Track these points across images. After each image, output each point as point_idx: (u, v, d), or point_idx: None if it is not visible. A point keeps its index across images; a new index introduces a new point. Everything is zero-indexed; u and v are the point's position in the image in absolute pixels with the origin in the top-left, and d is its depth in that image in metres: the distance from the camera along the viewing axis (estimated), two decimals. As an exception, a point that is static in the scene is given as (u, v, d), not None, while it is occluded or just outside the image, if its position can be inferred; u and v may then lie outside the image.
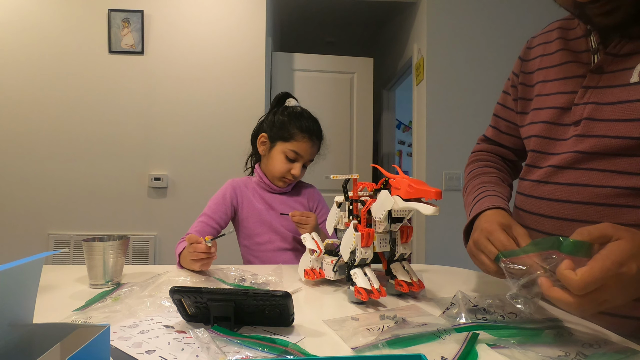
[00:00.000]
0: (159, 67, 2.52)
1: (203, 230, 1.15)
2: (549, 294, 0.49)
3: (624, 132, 0.60)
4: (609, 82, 0.64)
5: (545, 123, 0.73)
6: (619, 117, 0.61)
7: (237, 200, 1.23)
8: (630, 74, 0.60)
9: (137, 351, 0.52)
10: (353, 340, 0.55)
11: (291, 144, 1.19)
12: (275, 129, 1.21)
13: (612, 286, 0.47)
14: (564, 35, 0.75)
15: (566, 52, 0.73)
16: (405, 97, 3.65)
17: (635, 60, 0.61)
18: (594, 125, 0.64)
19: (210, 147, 2.55)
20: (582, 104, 0.67)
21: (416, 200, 0.66)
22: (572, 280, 0.46)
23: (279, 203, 1.24)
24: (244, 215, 1.22)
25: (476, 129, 2.57)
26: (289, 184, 1.24)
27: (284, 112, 1.22)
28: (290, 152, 1.18)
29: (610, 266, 0.46)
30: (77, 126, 2.47)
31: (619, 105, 0.61)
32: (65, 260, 2.43)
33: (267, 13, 2.60)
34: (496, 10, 2.61)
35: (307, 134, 1.19)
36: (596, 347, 0.52)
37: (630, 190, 0.60)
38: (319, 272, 0.85)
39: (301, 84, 3.08)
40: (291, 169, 1.19)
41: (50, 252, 0.49)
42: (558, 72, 0.73)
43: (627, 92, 0.60)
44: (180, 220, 2.50)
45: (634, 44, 0.62)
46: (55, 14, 2.46)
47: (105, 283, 0.83)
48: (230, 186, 1.24)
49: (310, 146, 1.20)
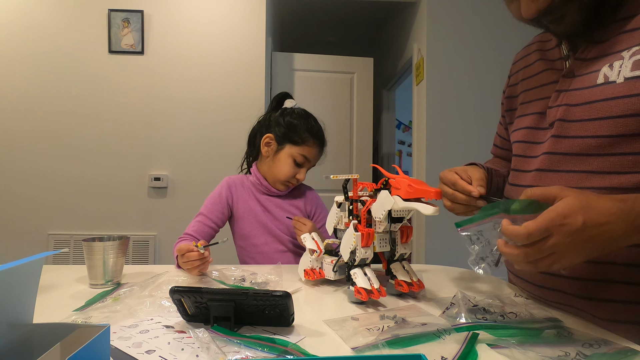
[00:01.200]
0: (159, 67, 2.51)
1: (200, 230, 1.14)
2: (503, 250, 0.54)
3: (594, 131, 0.63)
4: (579, 85, 0.67)
5: (526, 129, 0.77)
6: (588, 116, 0.64)
7: (233, 199, 1.21)
8: (597, 76, 0.64)
9: (137, 351, 0.52)
10: (353, 340, 0.55)
11: (302, 149, 1.16)
12: (284, 131, 1.17)
13: (558, 237, 0.49)
14: (541, 47, 0.80)
15: (543, 62, 0.78)
16: (405, 97, 3.66)
17: (601, 63, 0.64)
18: (567, 126, 0.67)
19: (210, 147, 2.54)
20: (556, 106, 0.70)
21: (416, 200, 0.66)
22: (516, 230, 0.51)
23: (274, 206, 1.21)
24: (240, 215, 1.21)
25: (476, 129, 2.58)
26: (290, 187, 1.23)
27: (292, 114, 1.19)
28: (299, 157, 1.16)
29: (555, 217, 0.50)
30: (77, 126, 2.47)
31: (587, 105, 0.64)
32: (65, 260, 2.42)
33: (267, 13, 2.60)
34: (496, 10, 2.61)
35: (317, 140, 1.18)
36: (596, 347, 0.52)
37: (607, 190, 0.61)
38: (319, 272, 0.85)
39: (301, 84, 3.08)
40: (297, 173, 1.17)
41: (50, 252, 0.49)
42: (536, 81, 0.78)
43: (594, 93, 0.63)
44: (180, 220, 2.49)
45: (598, 48, 0.66)
46: (55, 14, 2.46)
47: (105, 283, 0.83)
48: (226, 184, 1.22)
49: (318, 152, 1.20)
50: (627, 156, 0.60)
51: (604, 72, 0.62)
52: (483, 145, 2.52)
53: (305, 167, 1.18)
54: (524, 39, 0.90)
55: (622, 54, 0.61)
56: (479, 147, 2.55)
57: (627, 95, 0.59)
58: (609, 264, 0.61)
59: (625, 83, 0.59)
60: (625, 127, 0.59)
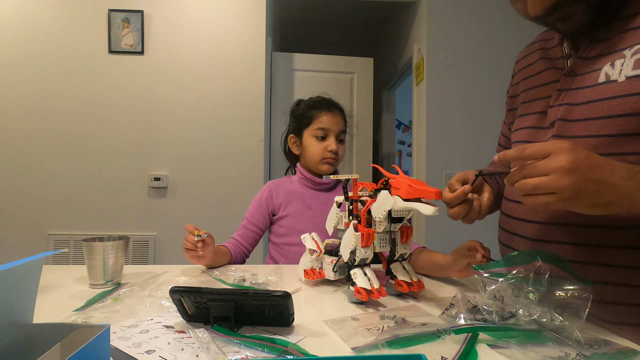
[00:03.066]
0: (159, 67, 2.51)
1: (244, 235, 1.22)
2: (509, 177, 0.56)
3: (595, 130, 0.62)
4: (580, 84, 0.66)
5: (528, 128, 0.76)
6: (589, 116, 0.63)
7: (274, 202, 1.25)
8: (598, 75, 0.63)
9: (137, 351, 0.52)
10: (353, 340, 0.55)
11: (315, 124, 1.22)
12: (296, 123, 1.26)
13: (559, 157, 0.51)
14: (543, 46, 0.80)
15: (545, 61, 0.77)
16: (405, 97, 3.65)
17: (603, 62, 0.63)
18: (568, 126, 0.66)
19: (210, 147, 2.54)
20: (557, 105, 0.69)
21: (416, 200, 0.66)
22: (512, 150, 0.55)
23: (319, 203, 1.23)
24: (281, 215, 1.24)
25: (476, 129, 2.58)
26: (332, 164, 1.23)
27: (296, 108, 1.28)
28: (318, 131, 1.21)
29: (557, 142, 0.53)
30: (77, 126, 2.47)
31: (588, 104, 0.63)
32: (65, 260, 2.42)
33: (267, 13, 2.60)
34: (496, 10, 2.61)
35: (323, 108, 1.22)
36: (596, 347, 0.52)
37: None
38: (319, 272, 0.85)
39: (301, 84, 3.08)
40: (327, 146, 1.20)
41: (50, 252, 0.49)
42: (538, 80, 0.77)
43: (596, 92, 0.63)
44: (180, 220, 2.50)
45: (600, 46, 0.65)
46: (55, 14, 2.46)
47: (105, 283, 0.83)
48: (267, 188, 1.27)
49: (332, 116, 1.22)
50: (628, 156, 0.59)
51: (605, 70, 0.62)
52: (483, 145, 2.53)
53: (331, 137, 1.21)
54: (524, 39, 0.90)
55: (624, 53, 0.60)
56: (478, 147, 2.55)
57: (629, 94, 0.58)
58: (611, 266, 0.61)
59: (627, 82, 0.59)
60: (627, 126, 0.59)
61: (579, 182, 0.50)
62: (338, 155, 1.23)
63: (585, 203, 0.51)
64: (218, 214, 2.51)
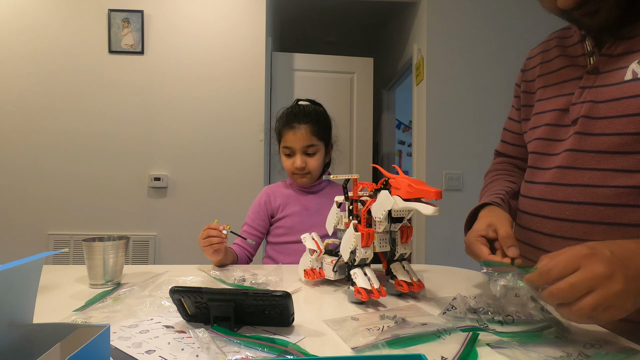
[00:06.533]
0: (159, 67, 2.51)
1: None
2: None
3: (620, 128, 0.61)
4: (605, 82, 0.65)
5: (546, 126, 0.75)
6: (615, 114, 0.62)
7: (272, 205, 1.27)
8: (624, 73, 0.62)
9: (137, 351, 0.52)
10: (353, 340, 0.55)
11: (282, 142, 1.23)
12: (276, 135, 1.27)
13: (590, 267, 0.47)
14: (561, 43, 0.78)
15: (564, 58, 0.76)
16: (405, 97, 3.65)
17: (629, 59, 0.62)
18: (592, 123, 0.65)
19: (210, 147, 2.54)
20: (579, 103, 0.68)
21: (416, 200, 0.66)
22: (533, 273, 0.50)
23: (315, 204, 1.25)
24: (280, 216, 1.26)
25: (476, 129, 2.58)
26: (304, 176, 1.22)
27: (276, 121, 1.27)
28: (284, 149, 1.23)
29: (580, 250, 0.49)
30: (77, 126, 2.47)
31: (614, 102, 0.63)
32: (65, 260, 2.42)
33: (267, 13, 2.60)
34: (496, 10, 2.61)
35: (287, 126, 1.21)
36: (597, 347, 0.52)
37: (631, 189, 0.60)
38: (319, 272, 0.85)
39: (301, 84, 3.08)
40: (293, 162, 1.21)
41: (50, 252, 0.49)
42: (557, 77, 0.76)
43: (622, 89, 0.62)
44: (180, 220, 2.50)
45: (626, 43, 0.64)
46: (55, 13, 2.46)
47: (105, 283, 0.83)
48: (265, 193, 1.29)
49: (293, 134, 1.19)
50: None
51: (632, 68, 0.61)
52: (483, 145, 2.53)
53: (296, 154, 1.20)
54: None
55: None
56: (478, 147, 2.56)
57: None
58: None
59: None
60: None
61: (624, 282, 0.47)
62: (308, 169, 1.21)
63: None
64: (218, 214, 2.50)
